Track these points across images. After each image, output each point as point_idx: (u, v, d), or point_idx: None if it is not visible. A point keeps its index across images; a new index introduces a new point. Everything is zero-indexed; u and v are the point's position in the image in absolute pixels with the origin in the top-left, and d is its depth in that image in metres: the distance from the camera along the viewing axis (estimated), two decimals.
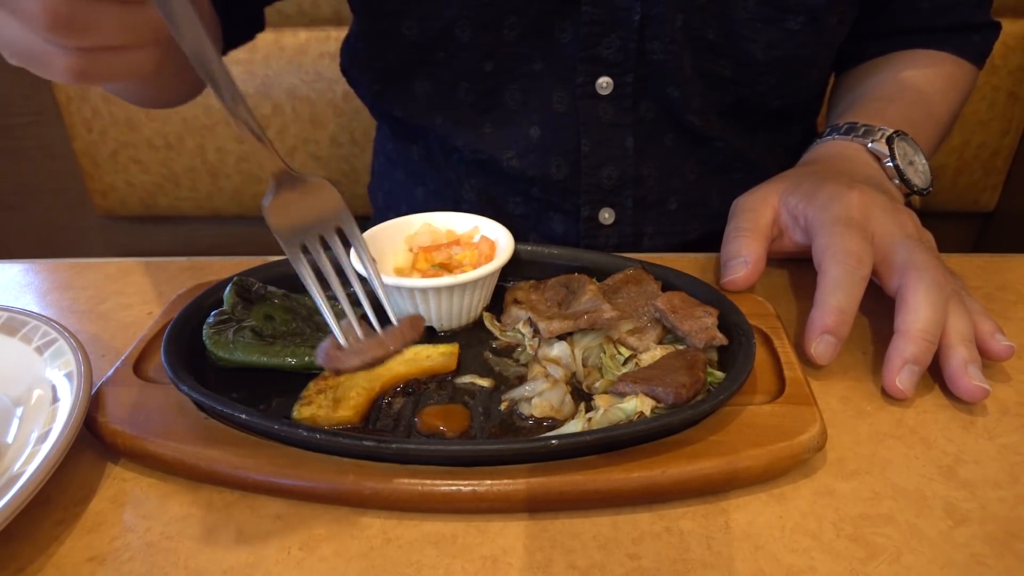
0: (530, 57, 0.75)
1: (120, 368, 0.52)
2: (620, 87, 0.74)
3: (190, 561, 0.40)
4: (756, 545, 0.40)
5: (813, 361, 0.52)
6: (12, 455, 0.44)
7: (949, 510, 0.42)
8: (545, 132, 0.78)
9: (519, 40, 0.74)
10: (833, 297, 0.52)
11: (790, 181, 0.64)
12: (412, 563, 0.40)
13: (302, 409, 0.47)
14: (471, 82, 0.77)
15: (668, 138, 0.78)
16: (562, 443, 0.42)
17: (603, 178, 0.79)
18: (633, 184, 0.79)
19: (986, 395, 0.49)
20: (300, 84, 1.34)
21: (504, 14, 0.72)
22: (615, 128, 0.76)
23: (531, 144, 0.78)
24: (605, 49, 0.72)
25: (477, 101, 0.78)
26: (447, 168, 0.85)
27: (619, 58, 0.73)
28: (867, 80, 0.82)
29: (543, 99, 0.77)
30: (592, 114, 0.76)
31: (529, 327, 0.54)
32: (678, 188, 0.81)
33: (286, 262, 0.62)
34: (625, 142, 0.77)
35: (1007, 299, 0.62)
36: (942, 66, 0.82)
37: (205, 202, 1.47)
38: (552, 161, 0.79)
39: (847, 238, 0.54)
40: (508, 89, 0.77)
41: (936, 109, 0.78)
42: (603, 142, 0.77)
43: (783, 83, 0.76)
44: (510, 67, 0.76)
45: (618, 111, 0.75)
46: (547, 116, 0.77)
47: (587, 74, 0.74)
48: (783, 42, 0.72)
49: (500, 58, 0.75)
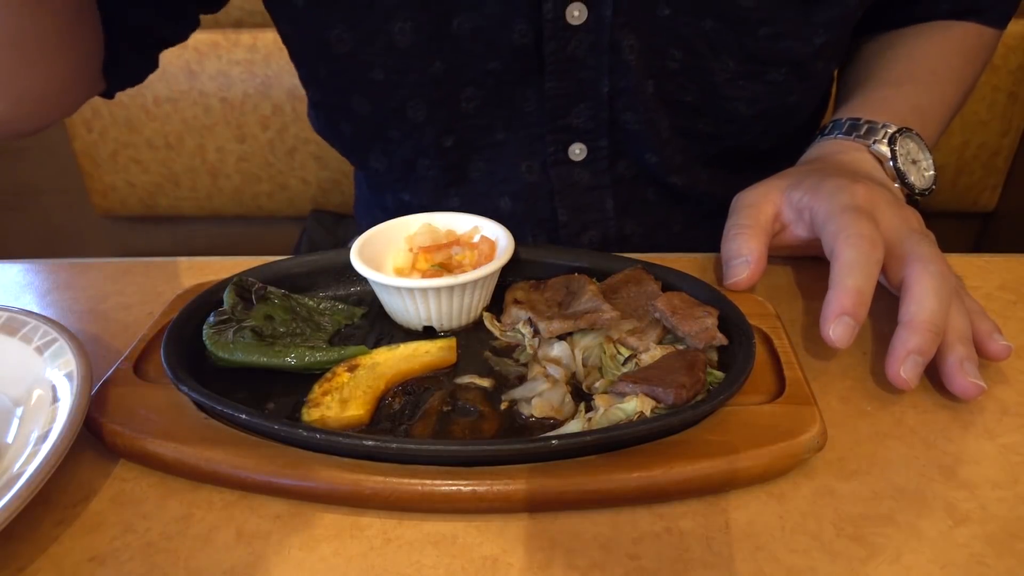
0: (492, 128, 0.71)
1: (120, 368, 0.52)
2: (594, 151, 0.71)
3: (190, 561, 0.40)
4: (756, 545, 0.40)
5: (831, 345, 0.50)
6: (12, 455, 0.44)
7: (949, 510, 0.42)
8: (516, 203, 0.74)
9: (478, 112, 0.70)
10: (850, 278, 0.51)
11: (792, 177, 0.63)
12: (412, 563, 0.40)
13: (311, 411, 0.47)
14: (431, 158, 0.73)
15: (650, 193, 0.75)
16: (562, 443, 0.42)
17: (584, 243, 0.76)
18: (618, 244, 0.77)
19: (981, 392, 0.49)
20: (300, 84, 1.34)
21: (460, 87, 0.69)
22: (593, 191, 0.73)
23: (502, 215, 0.73)
24: (575, 119, 0.69)
25: (440, 175, 0.74)
26: None
27: (590, 126, 0.69)
28: (880, 57, 0.78)
29: (510, 169, 0.73)
30: (567, 181, 0.72)
31: (529, 327, 0.54)
32: (664, 242, 0.79)
33: (286, 262, 0.62)
34: (605, 204, 0.74)
35: (1007, 299, 0.62)
36: (963, 39, 0.78)
37: (205, 202, 1.47)
38: (528, 232, 0.76)
39: (858, 223, 0.53)
40: (472, 161, 0.74)
41: (948, 88, 0.75)
42: (582, 207, 0.74)
43: (770, 130, 0.74)
44: (471, 139, 0.72)
45: (594, 174, 0.72)
46: (517, 187, 0.74)
47: (557, 144, 0.71)
48: (768, 95, 0.70)
49: (460, 131, 0.71)
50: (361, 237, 0.60)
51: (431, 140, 0.72)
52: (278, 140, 1.39)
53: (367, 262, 0.57)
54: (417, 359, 0.52)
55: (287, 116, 1.37)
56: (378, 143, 0.74)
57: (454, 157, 0.73)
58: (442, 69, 0.68)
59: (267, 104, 1.36)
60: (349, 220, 1.38)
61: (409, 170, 0.75)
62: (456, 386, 0.51)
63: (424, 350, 0.53)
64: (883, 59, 0.77)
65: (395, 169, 0.75)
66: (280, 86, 1.35)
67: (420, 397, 0.50)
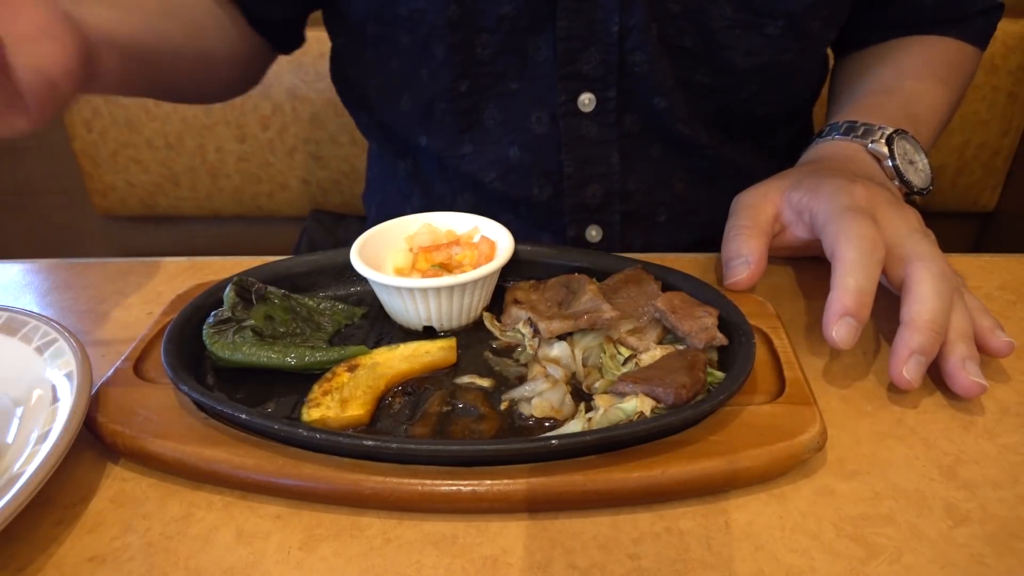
0: (505, 76, 0.74)
1: (120, 368, 0.52)
2: (603, 103, 0.73)
3: (190, 561, 0.40)
4: (756, 545, 0.40)
5: (834, 346, 0.50)
6: (12, 455, 0.44)
7: (949, 510, 0.42)
8: (524, 153, 0.76)
9: (493, 59, 0.72)
10: (851, 278, 0.51)
11: (792, 178, 0.64)
12: (412, 563, 0.40)
13: (311, 412, 0.47)
14: (447, 102, 0.75)
15: (655, 150, 0.77)
16: (562, 443, 0.42)
17: (587, 197, 0.77)
18: (620, 200, 0.78)
19: (983, 391, 0.49)
20: (300, 84, 1.34)
21: (474, 33, 0.71)
22: (600, 145, 0.75)
23: (511, 165, 0.77)
24: (584, 64, 0.71)
25: (455, 120, 0.77)
26: (442, 182, 0.84)
27: (600, 72, 0.71)
28: (867, 71, 0.81)
29: (522, 119, 0.75)
30: (575, 133, 0.74)
31: (529, 327, 0.54)
32: (667, 200, 0.80)
33: (286, 262, 0.62)
34: (611, 159, 0.76)
35: (1007, 299, 0.62)
36: (944, 52, 0.80)
37: (205, 202, 1.47)
38: (533, 182, 0.77)
39: (859, 223, 0.53)
40: (486, 109, 0.76)
41: (937, 99, 0.77)
42: (587, 160, 0.75)
43: (766, 90, 0.75)
44: (485, 86, 0.74)
45: (602, 127, 0.74)
46: (526, 137, 0.76)
47: (568, 92, 0.72)
48: (763, 48, 0.71)
49: (475, 77, 0.74)
50: (361, 237, 0.60)
51: (447, 83, 0.74)
52: (278, 140, 1.39)
53: (367, 262, 0.57)
54: (417, 359, 0.52)
55: (287, 116, 1.37)
56: (407, 83, 0.77)
57: (468, 103, 0.76)
58: (458, 13, 0.70)
59: (267, 104, 1.36)
60: (349, 220, 1.38)
61: (427, 115, 0.77)
62: (456, 386, 0.51)
63: (424, 350, 0.53)
64: (871, 71, 0.80)
65: (416, 113, 0.78)
66: (280, 86, 1.34)
67: (420, 397, 0.50)
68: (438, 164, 0.81)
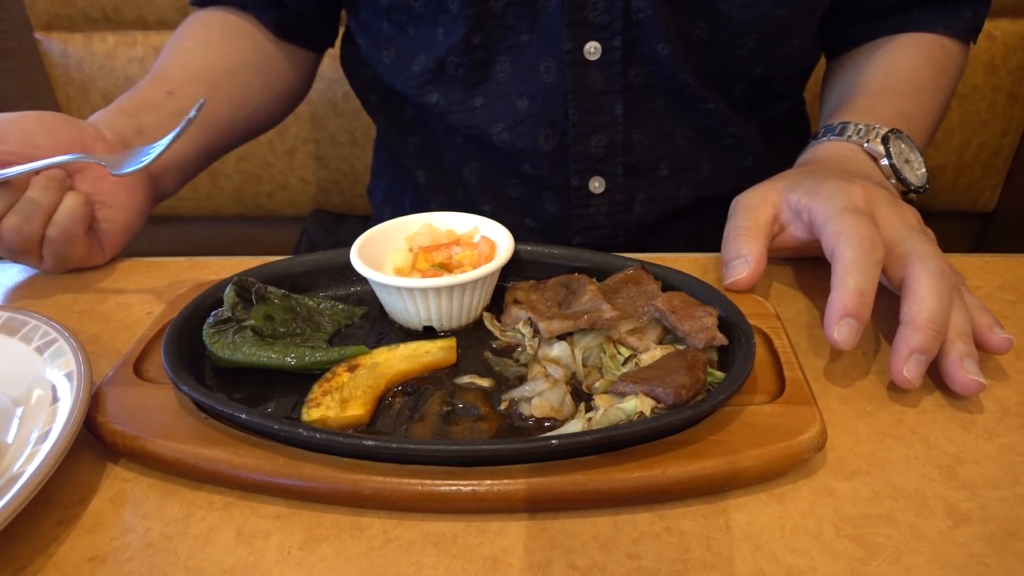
0: (516, 28, 0.76)
1: (120, 368, 0.52)
2: (608, 52, 0.75)
3: (190, 561, 0.40)
4: (756, 545, 0.40)
5: (836, 347, 0.50)
6: (12, 455, 0.44)
7: (949, 510, 0.42)
8: (532, 103, 0.78)
9: (505, 11, 0.75)
10: (851, 279, 0.51)
11: (790, 180, 0.64)
12: (412, 563, 0.40)
13: (311, 411, 0.47)
14: (459, 55, 0.77)
15: (659, 103, 0.79)
16: (562, 443, 0.42)
17: (591, 147, 0.79)
18: (623, 151, 0.80)
19: (981, 389, 0.49)
20: None
21: None
22: (604, 95, 0.77)
23: (519, 116, 0.79)
24: (591, 11, 0.73)
25: (467, 74, 0.79)
26: (448, 153, 0.85)
27: (605, 20, 0.73)
28: (856, 73, 0.82)
29: (531, 70, 0.77)
30: (581, 82, 0.76)
31: (529, 327, 0.54)
32: (669, 154, 0.81)
33: (286, 262, 0.62)
34: (615, 109, 0.77)
35: (1007, 299, 0.62)
36: (931, 52, 0.82)
37: (205, 202, 1.47)
38: (540, 132, 0.79)
39: (858, 224, 0.54)
40: (497, 63, 0.78)
41: (927, 99, 0.79)
42: (592, 110, 0.77)
43: (761, 48, 0.76)
44: (497, 39, 0.76)
45: (607, 77, 0.76)
46: (534, 87, 0.78)
47: (575, 39, 0.74)
48: (758, 1, 0.73)
49: (488, 30, 0.76)
50: (361, 237, 0.60)
51: (461, 36, 0.76)
52: (278, 140, 1.39)
53: (367, 262, 0.57)
54: (417, 359, 0.52)
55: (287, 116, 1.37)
56: (427, 43, 0.79)
57: (481, 56, 0.78)
58: None
59: None
60: (349, 220, 1.38)
61: (440, 71, 0.79)
62: (456, 386, 0.51)
63: (424, 350, 0.53)
64: (860, 75, 0.81)
65: (429, 71, 0.80)
66: None
67: (420, 397, 0.50)
68: (446, 127, 0.82)
